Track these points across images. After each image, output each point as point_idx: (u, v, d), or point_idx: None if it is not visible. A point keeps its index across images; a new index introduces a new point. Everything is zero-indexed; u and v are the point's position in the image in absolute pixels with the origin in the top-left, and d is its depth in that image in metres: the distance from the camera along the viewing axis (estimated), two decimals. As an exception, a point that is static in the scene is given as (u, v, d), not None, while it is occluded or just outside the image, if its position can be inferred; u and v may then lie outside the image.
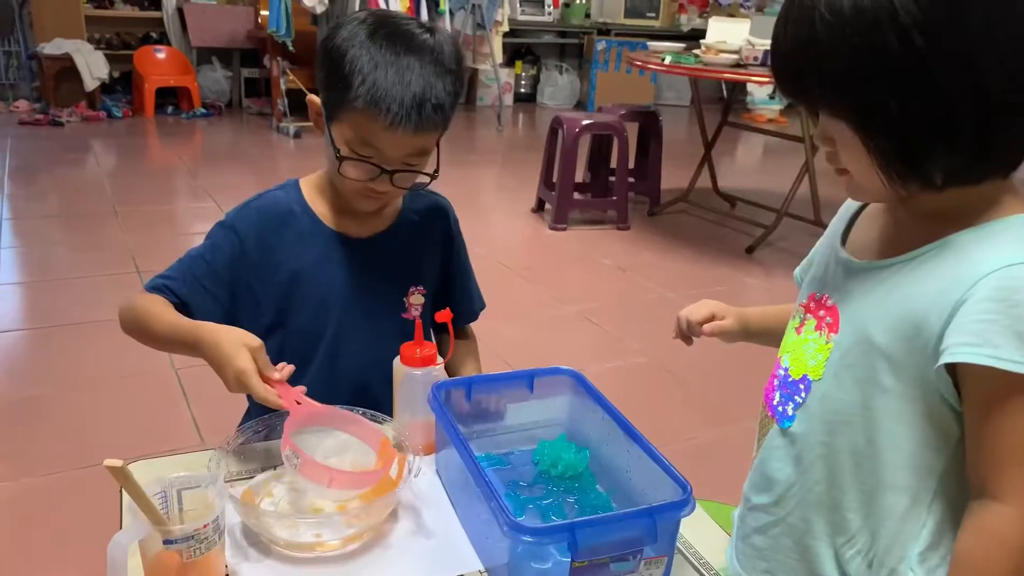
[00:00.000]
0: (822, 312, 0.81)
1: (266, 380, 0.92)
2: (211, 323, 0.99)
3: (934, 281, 0.70)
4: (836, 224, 0.87)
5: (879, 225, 0.81)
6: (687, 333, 1.04)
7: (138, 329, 1.06)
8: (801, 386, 0.81)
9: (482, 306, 1.31)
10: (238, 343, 0.92)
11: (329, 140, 1.05)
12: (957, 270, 0.69)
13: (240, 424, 0.94)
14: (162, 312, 1.03)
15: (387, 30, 1.01)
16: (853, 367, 0.76)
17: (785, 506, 0.83)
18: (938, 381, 0.70)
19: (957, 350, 0.67)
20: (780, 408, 0.84)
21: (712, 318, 1.03)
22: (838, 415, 0.77)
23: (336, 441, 0.94)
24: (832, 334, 0.79)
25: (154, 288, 1.07)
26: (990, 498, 0.69)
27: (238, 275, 1.10)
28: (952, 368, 0.69)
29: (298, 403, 0.92)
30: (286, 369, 0.95)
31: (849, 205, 0.87)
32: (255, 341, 0.93)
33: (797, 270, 0.94)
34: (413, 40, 1.01)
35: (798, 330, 0.85)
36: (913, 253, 0.73)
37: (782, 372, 0.85)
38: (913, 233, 0.74)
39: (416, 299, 1.18)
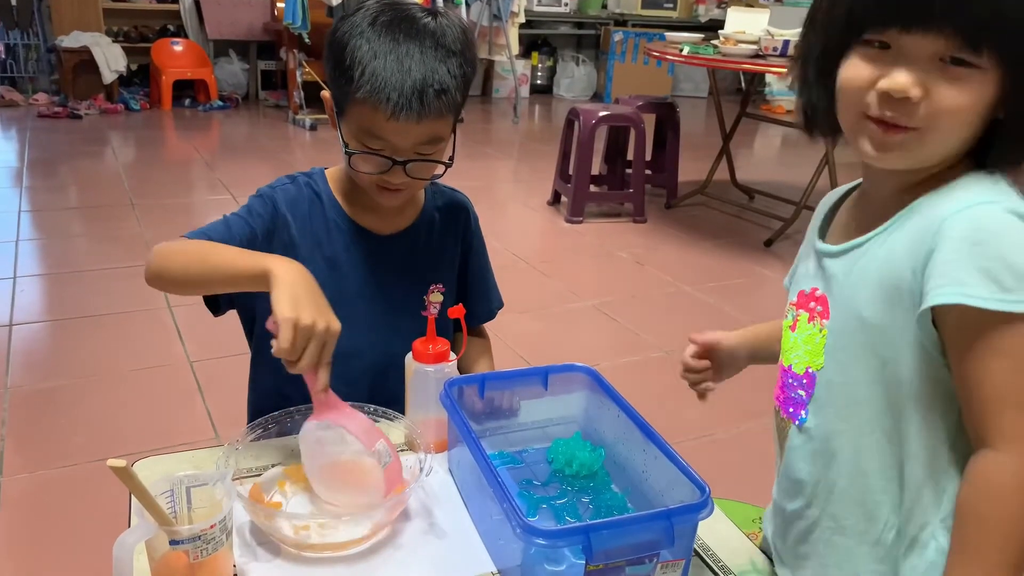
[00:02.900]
0: (812, 303, 0.81)
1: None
2: None
3: (905, 242, 0.71)
4: (813, 224, 0.87)
5: (854, 212, 0.82)
6: (694, 380, 1.01)
7: (184, 262, 0.99)
8: (807, 380, 0.80)
9: (500, 305, 1.29)
10: (328, 309, 0.88)
11: (340, 135, 1.03)
12: (924, 224, 0.69)
13: (248, 422, 0.92)
14: (223, 246, 0.99)
15: (387, 17, 0.99)
16: (849, 346, 0.75)
17: (817, 505, 0.81)
18: (925, 337, 0.69)
19: (931, 295, 0.66)
20: (792, 408, 0.83)
21: (707, 348, 0.99)
22: (847, 398, 0.76)
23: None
24: (824, 320, 0.78)
25: (199, 235, 1.04)
26: (984, 447, 0.68)
27: (270, 247, 1.07)
28: (936, 323, 0.69)
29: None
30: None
31: (825, 202, 0.87)
32: (337, 325, 0.88)
33: (786, 278, 0.92)
34: (414, 25, 0.99)
35: (792, 328, 0.84)
36: (884, 225, 0.74)
37: (786, 372, 0.84)
38: (884, 208, 0.75)
39: (436, 297, 1.16)
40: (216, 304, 1.09)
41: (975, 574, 0.66)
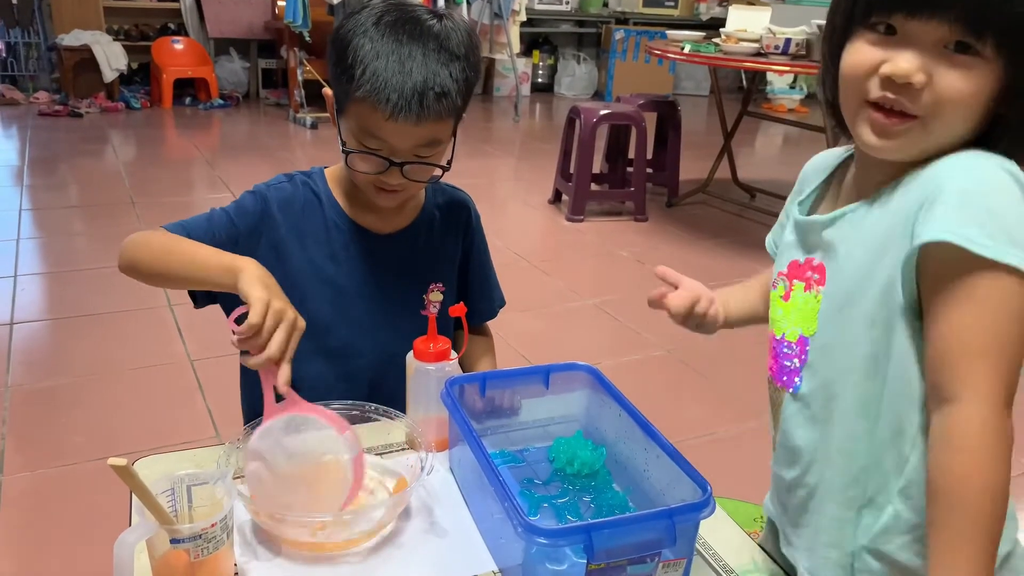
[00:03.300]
0: (809, 272, 0.81)
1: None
2: None
3: (899, 201, 0.71)
4: (797, 191, 0.88)
5: (840, 189, 0.83)
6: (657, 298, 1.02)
7: (150, 255, 1.00)
8: (799, 347, 0.81)
9: (502, 304, 1.29)
10: (290, 307, 0.88)
11: (339, 133, 1.03)
12: (922, 179, 0.70)
13: (245, 421, 0.92)
14: (194, 242, 0.99)
15: (392, 18, 0.98)
16: (842, 308, 0.76)
17: (815, 471, 0.81)
18: (906, 287, 0.70)
19: (922, 235, 0.66)
20: (786, 376, 0.83)
21: (693, 303, 1.00)
22: (840, 360, 0.77)
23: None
24: (820, 287, 0.79)
25: (176, 228, 1.04)
26: (947, 400, 0.67)
27: (256, 246, 1.07)
28: (919, 273, 0.69)
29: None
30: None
31: (812, 173, 0.87)
32: (301, 322, 0.89)
33: (769, 238, 0.93)
34: (419, 27, 0.98)
35: (785, 297, 0.84)
36: (881, 189, 0.74)
37: (779, 342, 0.84)
38: (880, 176, 0.75)
39: (435, 296, 1.16)
40: (195, 297, 1.08)
41: (955, 539, 0.65)
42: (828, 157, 0.88)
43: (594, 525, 0.71)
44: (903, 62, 0.68)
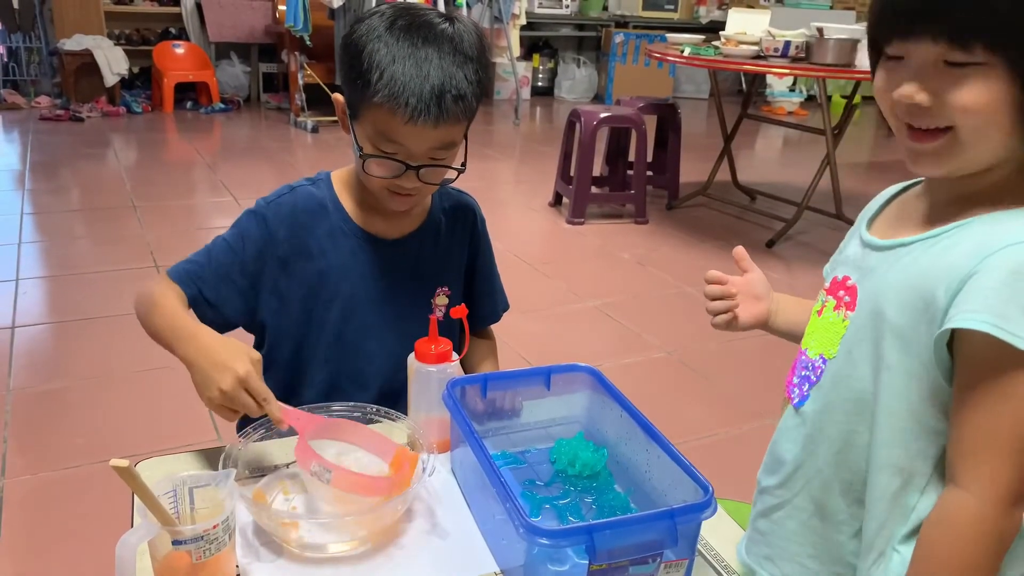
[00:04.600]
0: (842, 292, 0.80)
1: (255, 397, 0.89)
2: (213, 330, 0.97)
3: (949, 257, 0.69)
4: (864, 212, 0.85)
5: (908, 209, 0.80)
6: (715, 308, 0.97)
7: (144, 317, 1.03)
8: (817, 365, 0.80)
9: (505, 307, 1.29)
10: (240, 350, 0.90)
11: (353, 138, 1.03)
12: (972, 246, 0.67)
13: (248, 424, 0.92)
14: (170, 304, 1.02)
15: (405, 21, 0.98)
16: (864, 342, 0.75)
17: (791, 487, 0.82)
18: (938, 356, 0.68)
19: (960, 316, 0.64)
20: (796, 389, 0.83)
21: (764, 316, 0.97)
22: (849, 392, 0.76)
23: (338, 450, 0.92)
24: (849, 312, 0.78)
25: (178, 273, 1.06)
26: (955, 485, 0.67)
27: (263, 268, 1.09)
28: (952, 349, 0.67)
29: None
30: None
31: (883, 195, 0.85)
32: (255, 354, 0.91)
33: (826, 266, 0.91)
34: (432, 30, 0.98)
35: (819, 313, 0.84)
36: (935, 230, 0.72)
37: (802, 354, 0.84)
38: (940, 214, 0.73)
39: (441, 300, 1.16)
40: (214, 308, 1.09)
41: None
42: (899, 185, 0.86)
43: (596, 526, 0.71)
44: (905, 86, 0.70)
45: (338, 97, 1.07)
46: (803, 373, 0.83)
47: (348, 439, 0.93)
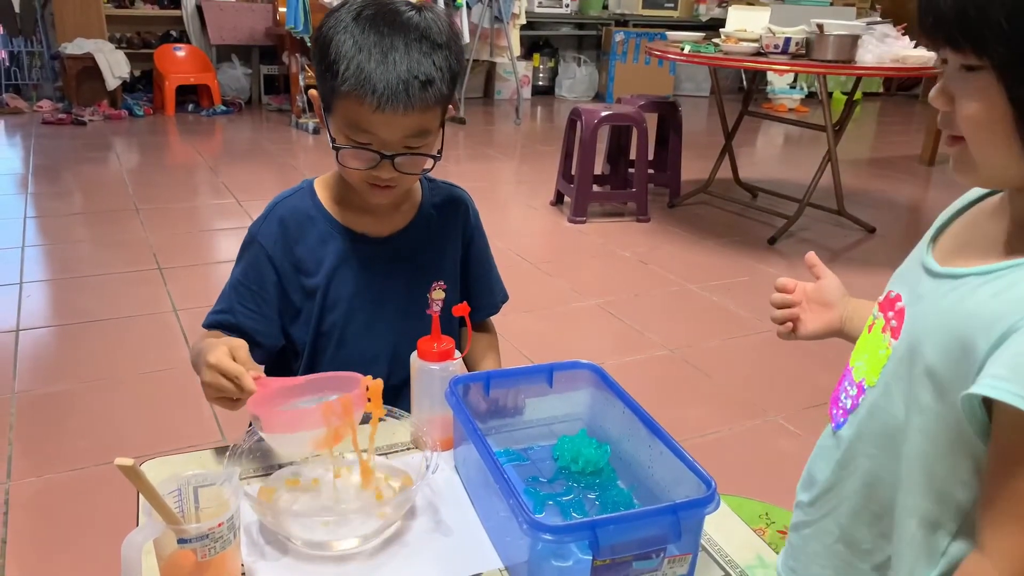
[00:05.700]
0: (891, 314, 0.77)
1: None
2: None
3: (998, 302, 0.63)
4: (941, 216, 0.79)
5: (978, 227, 0.74)
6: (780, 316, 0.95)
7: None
8: (857, 392, 0.79)
9: (504, 298, 1.29)
10: (219, 343, 0.92)
11: (327, 131, 1.04)
12: (1021, 295, 0.62)
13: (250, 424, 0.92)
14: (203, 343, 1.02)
15: (371, 12, 0.99)
16: (901, 380, 0.72)
17: (820, 508, 0.82)
18: (971, 411, 0.64)
19: (987, 381, 0.60)
20: (838, 411, 0.82)
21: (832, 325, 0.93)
22: (883, 427, 0.74)
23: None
24: (893, 340, 0.74)
25: (210, 325, 1.10)
26: (980, 550, 0.65)
27: (280, 285, 1.12)
28: (989, 403, 0.62)
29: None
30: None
31: (963, 198, 0.79)
32: (237, 342, 0.93)
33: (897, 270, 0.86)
34: (398, 19, 0.99)
35: (869, 328, 0.81)
36: (993, 265, 0.66)
37: (848, 372, 0.82)
38: (1007, 242, 0.67)
39: (438, 294, 1.16)
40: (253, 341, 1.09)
41: None
42: (970, 195, 0.80)
43: (599, 521, 0.72)
44: (933, 89, 0.69)
45: (314, 92, 1.08)
46: (844, 396, 0.81)
47: (320, 392, 0.93)
